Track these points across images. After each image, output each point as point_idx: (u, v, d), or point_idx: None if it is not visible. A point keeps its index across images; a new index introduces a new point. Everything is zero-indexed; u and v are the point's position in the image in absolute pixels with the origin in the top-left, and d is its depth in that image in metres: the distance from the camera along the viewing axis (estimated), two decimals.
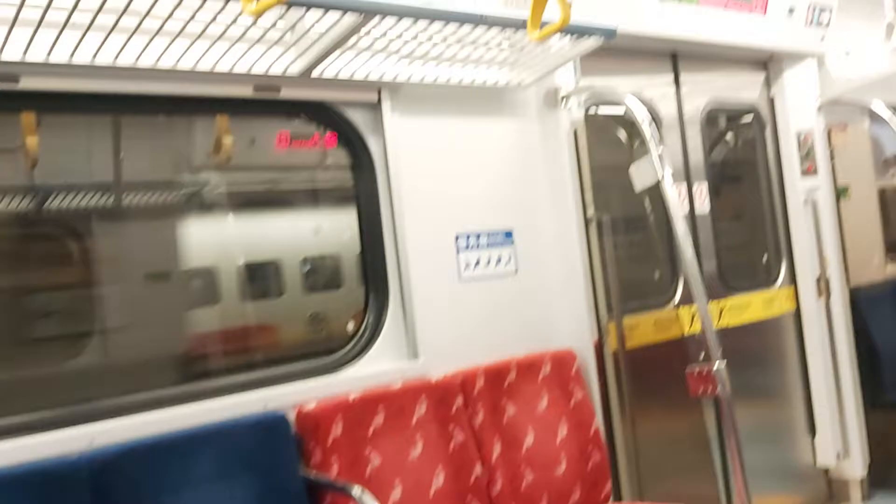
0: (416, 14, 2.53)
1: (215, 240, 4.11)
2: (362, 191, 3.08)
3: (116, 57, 2.34)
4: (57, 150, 3.03)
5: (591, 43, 3.00)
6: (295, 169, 4.18)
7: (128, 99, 2.56)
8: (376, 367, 2.95)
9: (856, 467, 4.36)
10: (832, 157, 4.50)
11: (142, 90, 2.54)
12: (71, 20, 2.11)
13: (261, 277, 4.59)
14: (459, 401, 2.96)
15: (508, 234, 3.39)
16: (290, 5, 2.21)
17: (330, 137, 3.23)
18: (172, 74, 2.51)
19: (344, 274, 4.80)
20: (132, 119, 2.86)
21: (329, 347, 2.94)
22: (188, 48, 2.40)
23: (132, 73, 2.45)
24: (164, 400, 2.52)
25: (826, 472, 4.44)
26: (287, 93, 2.80)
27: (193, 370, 3.19)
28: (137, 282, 3.36)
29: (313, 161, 4.03)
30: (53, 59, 2.27)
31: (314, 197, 4.59)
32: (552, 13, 2.42)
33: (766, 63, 4.49)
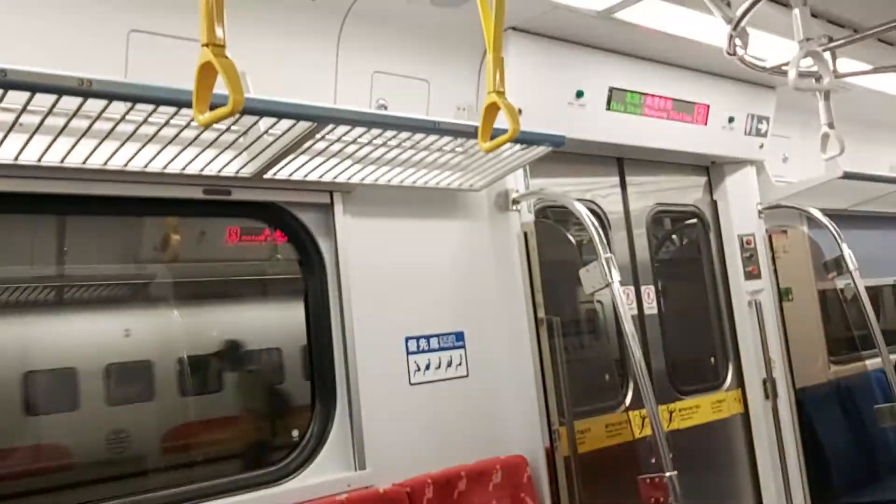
0: (370, 121, 2.56)
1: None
2: (311, 292, 3.04)
3: (64, 158, 2.29)
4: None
5: (540, 150, 3.06)
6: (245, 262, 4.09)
7: (75, 200, 2.51)
8: (321, 478, 2.83)
9: None
10: (774, 261, 4.62)
11: (90, 192, 2.49)
12: (19, 120, 2.07)
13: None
14: None
15: (459, 337, 3.36)
16: (242, 113, 2.21)
17: (280, 235, 3.20)
18: (121, 176, 2.47)
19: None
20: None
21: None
22: (139, 150, 2.37)
23: (80, 173, 2.40)
24: None
25: None
26: (238, 195, 2.78)
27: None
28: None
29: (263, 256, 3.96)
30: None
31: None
32: (504, 122, 2.47)
33: (708, 168, 4.65)
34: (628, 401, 3.82)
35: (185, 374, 3.52)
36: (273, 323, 3.91)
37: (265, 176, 2.71)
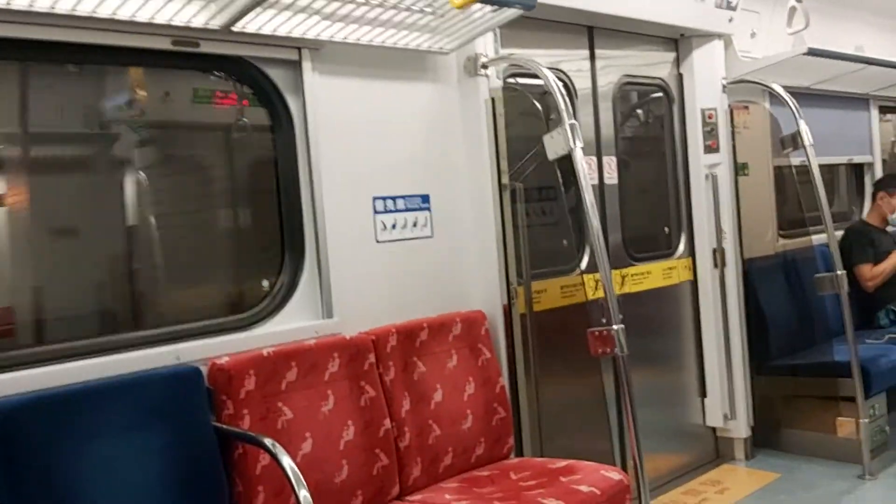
0: None
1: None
2: (280, 150, 3.09)
3: (32, 1, 2.28)
4: None
5: (511, 13, 3.08)
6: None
7: (40, 45, 2.50)
8: (290, 325, 2.99)
9: (741, 428, 4.68)
10: (734, 136, 4.73)
11: (56, 37, 2.48)
12: None
13: None
14: (372, 358, 3.04)
15: (425, 199, 3.46)
16: None
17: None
18: (90, 23, 2.46)
19: None
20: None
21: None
22: None
23: (47, 18, 2.39)
24: (76, 352, 2.51)
25: (714, 431, 4.76)
26: (206, 47, 2.78)
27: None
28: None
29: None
30: None
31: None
32: None
33: (677, 42, 4.67)
34: (584, 264, 3.99)
35: None
36: None
37: (234, 28, 2.71)
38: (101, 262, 3.03)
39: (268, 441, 2.43)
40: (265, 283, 3.11)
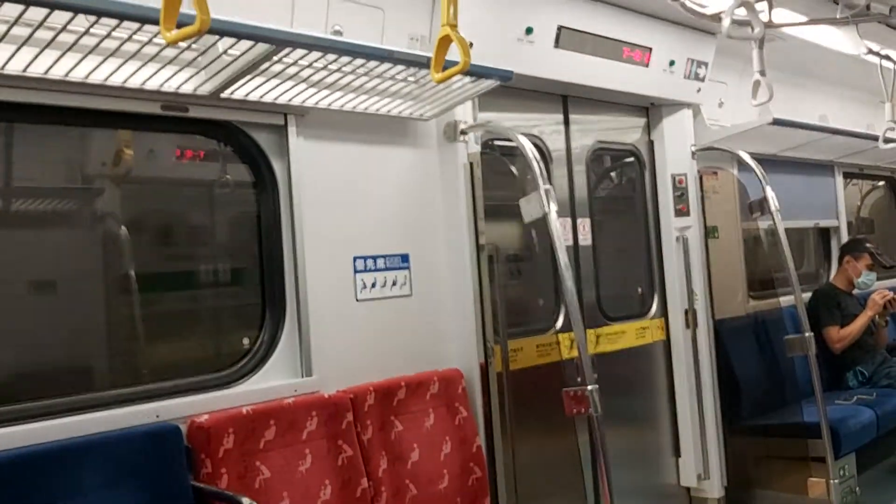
0: (327, 47, 2.67)
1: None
2: (264, 210, 3.17)
3: (26, 68, 2.36)
4: None
5: (489, 83, 3.21)
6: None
7: (32, 108, 2.58)
8: (270, 383, 3.02)
9: (715, 488, 4.71)
10: (703, 200, 4.88)
11: (49, 101, 2.56)
12: None
13: None
14: (349, 416, 3.07)
15: (405, 258, 3.54)
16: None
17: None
18: (83, 88, 2.54)
19: None
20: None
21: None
22: (100, 63, 2.45)
23: (41, 83, 2.47)
24: (55, 409, 2.53)
25: (688, 491, 4.78)
26: (195, 112, 2.87)
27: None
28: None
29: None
30: None
31: None
32: (455, 54, 2.61)
33: (648, 109, 4.85)
34: (559, 324, 4.07)
35: None
36: None
37: (222, 95, 2.80)
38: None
39: (245, 501, 2.46)
40: (245, 341, 3.14)
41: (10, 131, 2.78)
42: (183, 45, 2.44)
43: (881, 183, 7.76)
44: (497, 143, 3.96)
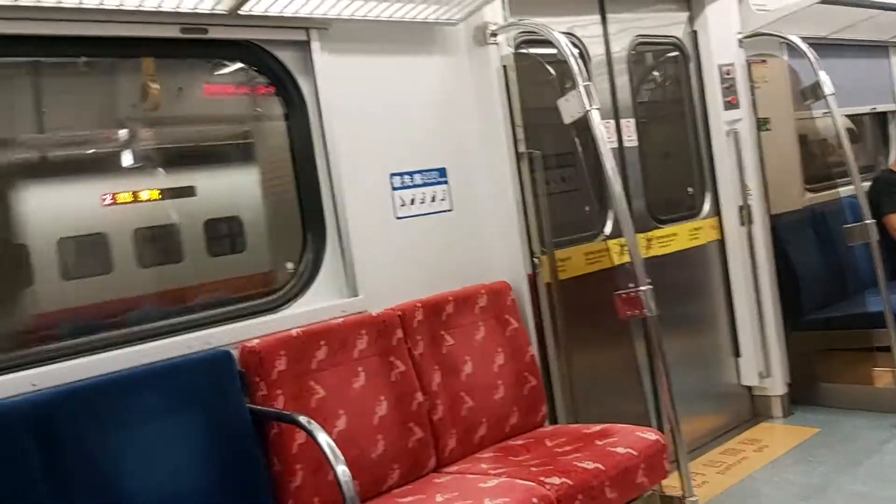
0: None
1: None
2: (295, 133, 3.10)
3: None
4: None
5: None
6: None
7: (51, 41, 2.52)
8: (317, 305, 3.00)
9: (777, 386, 4.63)
10: (753, 90, 4.66)
11: (65, 32, 2.49)
12: None
13: None
14: (399, 333, 3.04)
15: (442, 172, 3.45)
16: None
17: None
18: (97, 14, 2.47)
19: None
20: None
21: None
22: None
23: (55, 13, 2.40)
24: (109, 342, 2.54)
25: (750, 390, 4.71)
26: (215, 33, 2.79)
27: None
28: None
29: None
30: None
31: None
32: None
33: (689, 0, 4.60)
34: (608, 230, 3.96)
35: None
36: None
37: (241, 11, 2.71)
38: None
39: (303, 419, 2.45)
40: (289, 266, 3.12)
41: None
42: None
43: None
44: (531, 51, 3.78)
